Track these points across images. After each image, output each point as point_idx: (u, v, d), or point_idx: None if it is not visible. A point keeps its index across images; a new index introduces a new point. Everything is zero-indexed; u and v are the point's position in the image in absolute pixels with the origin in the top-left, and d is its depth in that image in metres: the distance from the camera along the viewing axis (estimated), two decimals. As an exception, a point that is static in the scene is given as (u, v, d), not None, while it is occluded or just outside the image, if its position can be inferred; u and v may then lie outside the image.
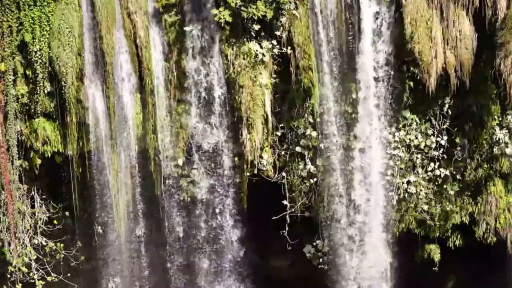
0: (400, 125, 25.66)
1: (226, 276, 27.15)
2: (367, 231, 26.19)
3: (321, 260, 26.90)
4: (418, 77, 24.91)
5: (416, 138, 25.71)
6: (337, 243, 26.45)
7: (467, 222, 26.48)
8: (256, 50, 24.73)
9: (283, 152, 26.18)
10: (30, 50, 24.95)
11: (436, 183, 26.19)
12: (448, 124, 25.73)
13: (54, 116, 25.62)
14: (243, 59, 24.79)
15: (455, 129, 25.77)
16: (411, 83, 25.28)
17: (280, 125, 25.96)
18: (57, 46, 24.74)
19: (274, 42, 24.91)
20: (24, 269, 26.35)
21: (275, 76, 25.36)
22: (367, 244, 26.29)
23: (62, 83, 24.92)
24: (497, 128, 25.53)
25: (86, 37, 24.95)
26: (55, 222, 26.83)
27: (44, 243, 26.66)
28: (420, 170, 26.02)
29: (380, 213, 26.05)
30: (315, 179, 26.09)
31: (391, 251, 26.66)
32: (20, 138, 25.73)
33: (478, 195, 26.27)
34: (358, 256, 26.42)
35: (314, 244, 26.89)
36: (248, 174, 26.02)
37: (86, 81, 25.15)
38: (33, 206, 26.65)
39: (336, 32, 24.87)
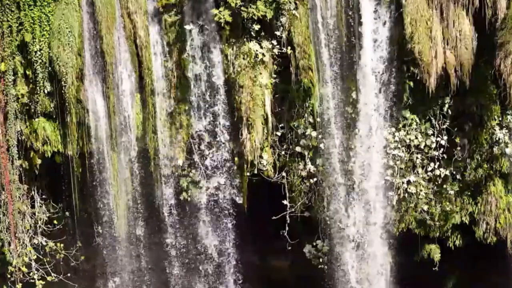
0: (400, 125, 25.65)
1: (226, 276, 27.16)
2: (367, 231, 26.18)
3: (321, 260, 26.90)
4: (418, 77, 24.91)
5: (416, 138, 25.71)
6: (337, 243, 26.45)
7: (467, 222, 26.47)
8: (256, 50, 24.73)
9: (283, 152, 26.18)
10: (30, 50, 24.96)
11: (436, 183, 26.18)
12: (448, 124, 25.72)
13: (54, 116, 25.63)
14: (243, 59, 24.80)
15: (455, 129, 25.76)
16: (411, 83, 25.26)
17: (280, 125, 25.96)
18: (57, 46, 24.74)
19: (274, 42, 24.92)
20: (24, 269, 26.35)
21: (275, 76, 25.36)
22: (367, 244, 26.29)
23: (62, 83, 24.93)
24: (497, 128, 25.52)
25: (86, 37, 24.96)
26: (55, 222, 26.84)
27: (44, 243, 26.66)
28: (420, 170, 26.02)
29: (380, 213, 26.05)
30: (315, 179, 26.09)
31: (391, 251, 26.67)
32: (20, 138, 25.73)
33: (478, 195, 26.26)
34: (358, 256, 26.42)
35: (314, 244, 26.89)
36: (248, 174, 26.03)
37: (86, 81, 25.16)
38: (33, 206, 26.65)
39: (336, 32, 24.87)
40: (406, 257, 27.12)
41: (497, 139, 25.55)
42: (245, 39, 24.81)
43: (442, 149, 25.81)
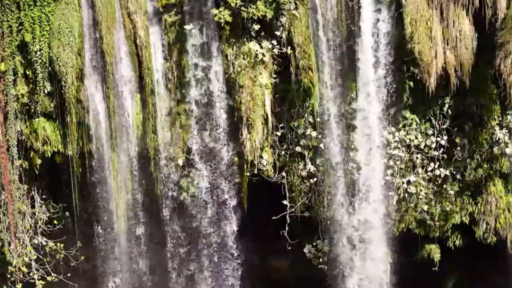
0: (400, 125, 25.66)
1: (226, 276, 27.14)
2: (367, 231, 26.18)
3: (321, 260, 26.89)
4: (418, 77, 24.92)
5: (416, 138, 25.71)
6: (337, 243, 26.44)
7: (467, 222, 26.47)
8: (256, 50, 24.73)
9: (283, 152, 26.18)
10: (30, 50, 24.97)
11: (436, 183, 26.18)
12: (448, 124, 25.73)
13: (54, 116, 25.65)
14: (243, 59, 24.80)
15: (455, 129, 25.77)
16: (411, 83, 25.27)
17: (280, 125, 25.96)
18: (57, 46, 24.75)
19: (274, 42, 24.92)
20: (24, 269, 26.36)
21: (275, 76, 25.37)
22: (367, 244, 26.28)
23: (62, 83, 24.94)
24: (497, 128, 25.53)
25: (86, 37, 24.97)
26: (55, 222, 26.84)
27: (44, 243, 26.67)
28: (420, 170, 26.02)
29: (380, 213, 26.04)
30: (315, 179, 26.09)
31: (391, 251, 26.67)
32: (20, 138, 25.74)
33: (478, 195, 26.26)
34: (358, 256, 26.41)
35: (314, 244, 26.89)
36: (248, 174, 26.03)
37: (86, 81, 25.16)
38: (33, 206, 26.66)
39: (336, 32, 24.88)
40: (406, 257, 27.12)
41: (497, 139, 25.55)
42: (245, 39, 24.81)
43: (442, 149, 25.81)
